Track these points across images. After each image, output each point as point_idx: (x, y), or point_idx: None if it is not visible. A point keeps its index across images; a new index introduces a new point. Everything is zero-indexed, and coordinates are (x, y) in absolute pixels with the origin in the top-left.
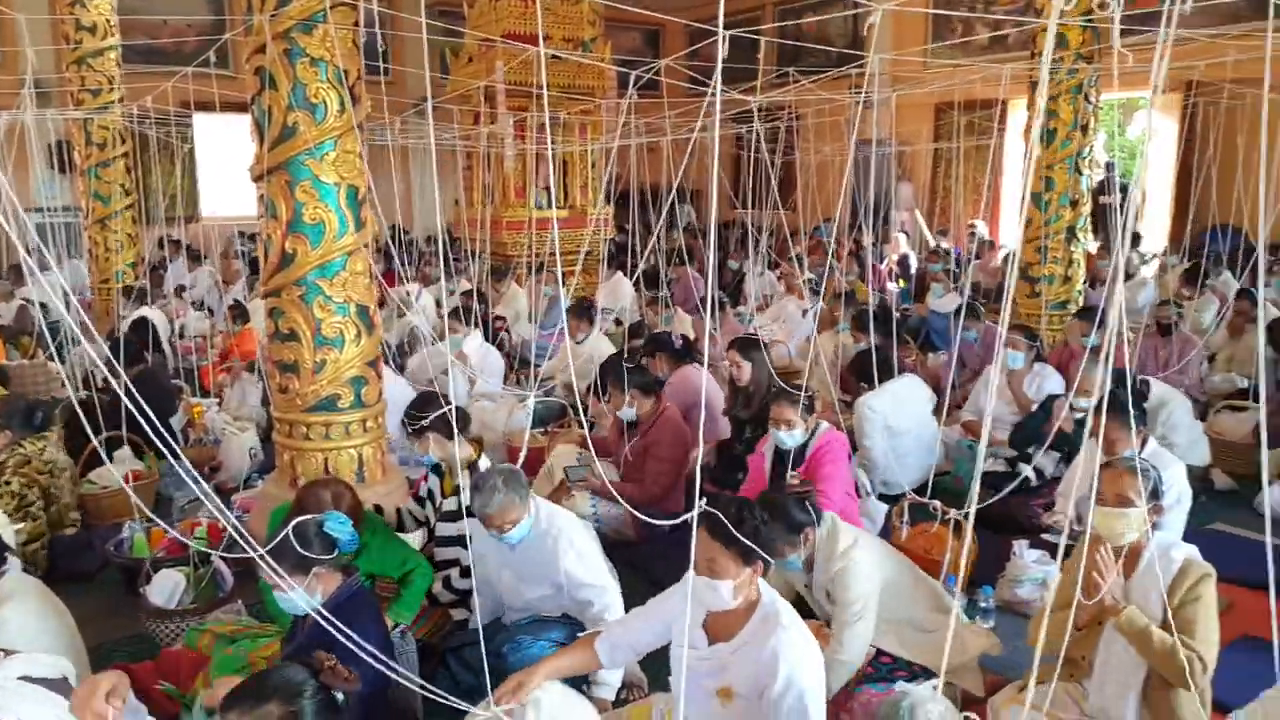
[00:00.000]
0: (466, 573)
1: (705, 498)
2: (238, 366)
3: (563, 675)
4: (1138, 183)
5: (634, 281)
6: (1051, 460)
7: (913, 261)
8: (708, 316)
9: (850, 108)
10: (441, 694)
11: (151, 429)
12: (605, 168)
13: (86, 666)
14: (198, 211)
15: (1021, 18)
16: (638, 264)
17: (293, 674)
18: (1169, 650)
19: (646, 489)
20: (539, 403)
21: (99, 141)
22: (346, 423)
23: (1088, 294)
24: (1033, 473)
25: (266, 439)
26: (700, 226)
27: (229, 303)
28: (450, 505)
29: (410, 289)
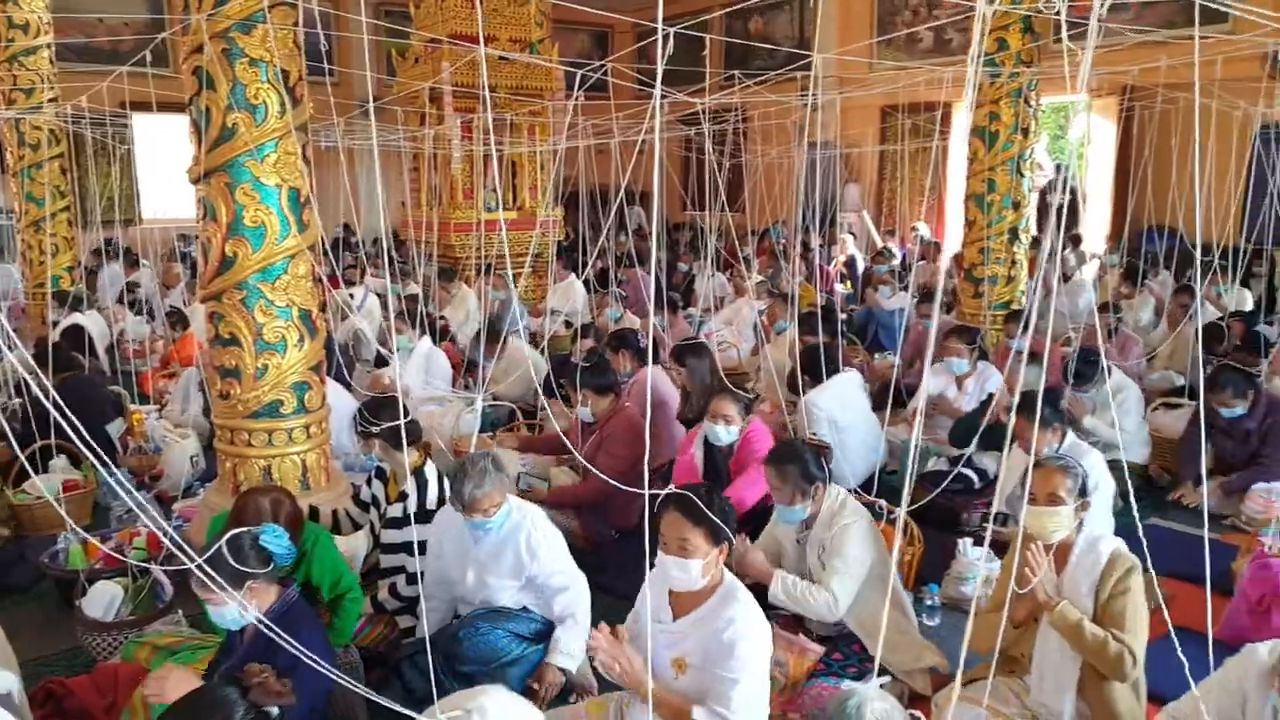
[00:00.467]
0: (413, 580)
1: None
2: (180, 372)
3: None
4: (1063, 186)
5: (584, 282)
6: (995, 460)
7: (859, 263)
8: (652, 318)
9: (796, 109)
10: (388, 701)
11: (80, 438)
12: (554, 169)
13: (19, 682)
14: (138, 214)
15: (977, 20)
16: (587, 265)
17: (223, 694)
18: (1101, 644)
19: (593, 483)
20: (489, 406)
21: (32, 142)
22: (289, 429)
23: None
24: (974, 473)
25: (210, 446)
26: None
27: (168, 308)
28: (396, 512)
29: (355, 291)
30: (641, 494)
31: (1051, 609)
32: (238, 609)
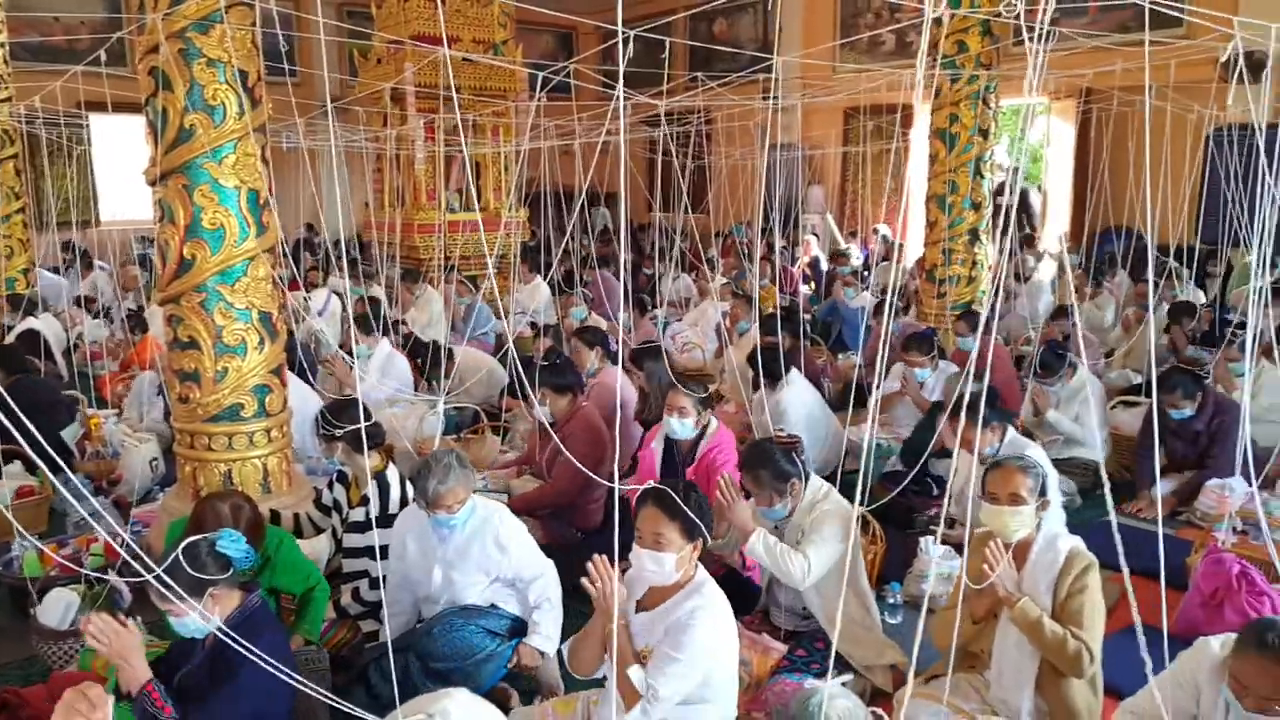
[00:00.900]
0: (376, 584)
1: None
2: (140, 375)
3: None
4: (1013, 188)
5: (549, 283)
6: (948, 467)
7: (823, 264)
8: (621, 318)
9: (759, 112)
10: (351, 707)
11: (30, 442)
12: (518, 170)
13: None
14: (95, 216)
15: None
16: (552, 267)
17: None
18: (1060, 641)
19: (556, 485)
20: (453, 408)
21: None
22: (250, 432)
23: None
24: (931, 480)
25: (170, 450)
26: (616, 229)
27: (126, 311)
28: (358, 516)
29: (318, 294)
30: (603, 495)
31: (1012, 606)
32: (199, 618)
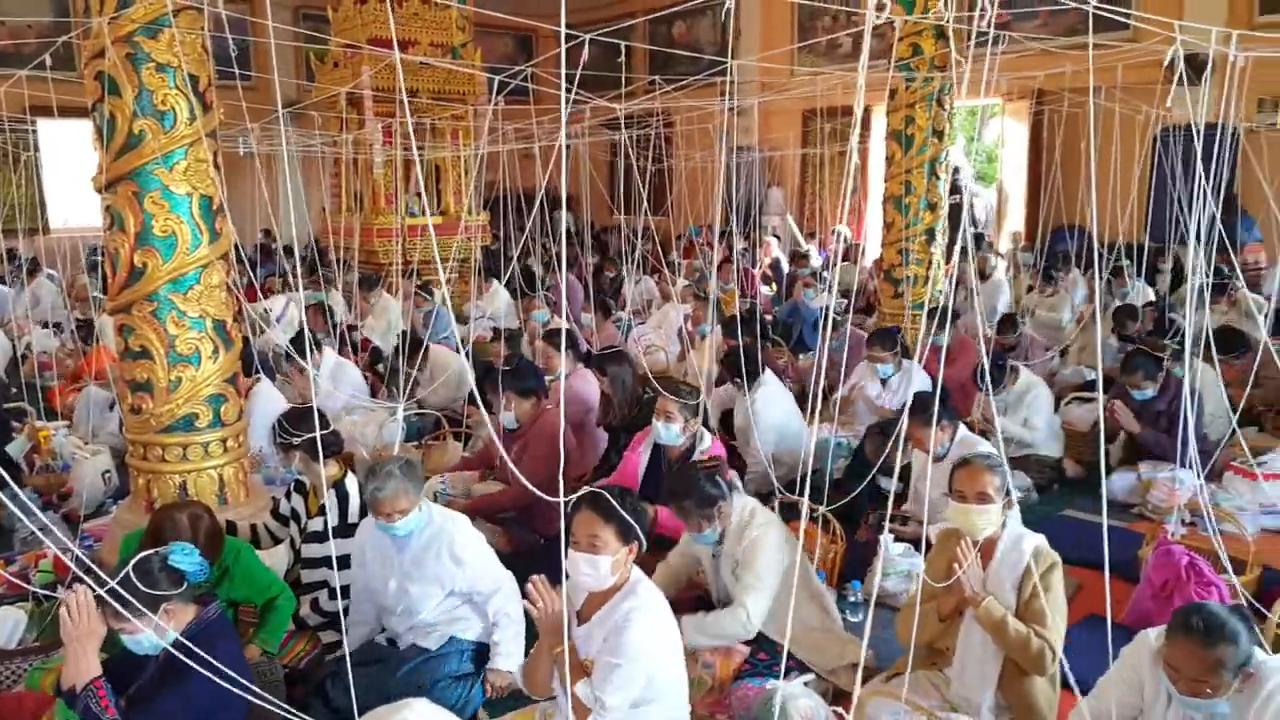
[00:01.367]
0: (335, 594)
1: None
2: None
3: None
4: (956, 189)
5: (509, 285)
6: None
7: (784, 265)
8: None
9: (718, 114)
10: (308, 719)
11: None
12: (475, 173)
13: None
14: (43, 223)
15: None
16: (511, 266)
17: None
18: (1024, 640)
19: (516, 488)
20: (414, 415)
21: None
22: (205, 443)
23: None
24: (890, 482)
25: (123, 462)
26: (577, 232)
27: (76, 320)
28: (316, 526)
29: (275, 301)
30: (564, 498)
31: (977, 604)
32: (153, 635)
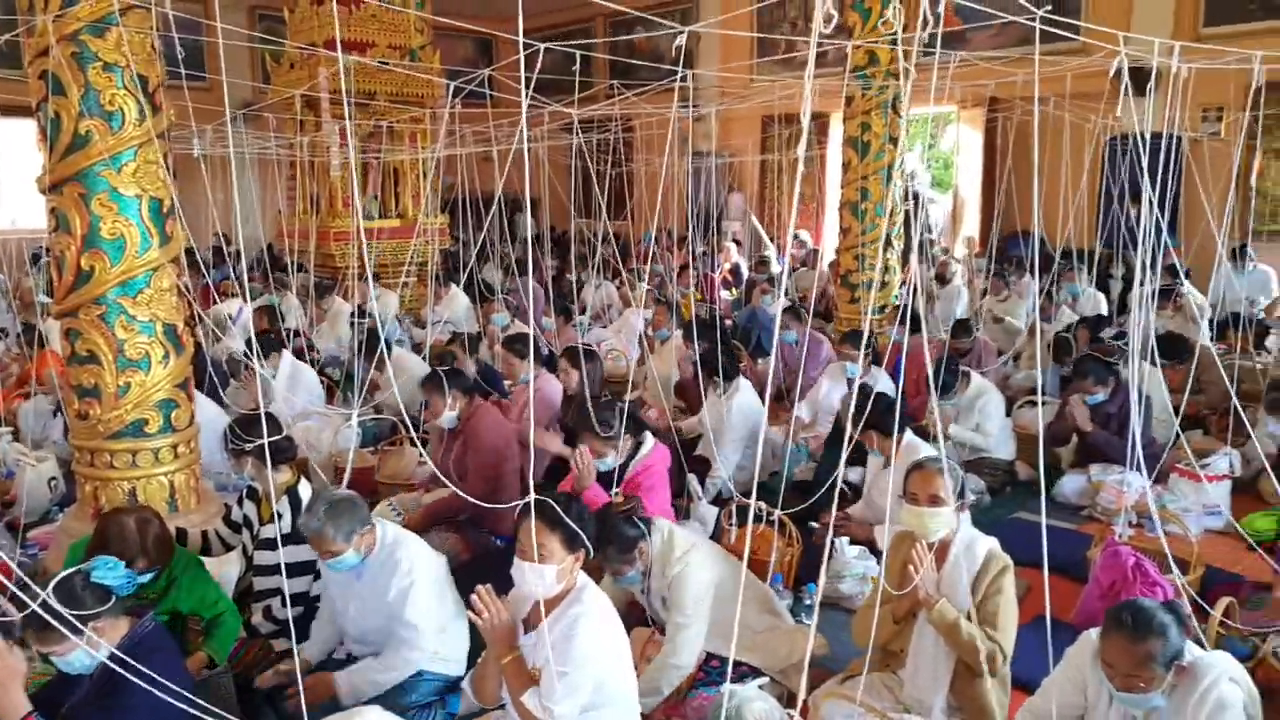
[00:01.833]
0: (287, 602)
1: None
2: (38, 392)
3: None
4: (910, 194)
5: (468, 289)
6: (859, 473)
7: (744, 270)
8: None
9: (675, 120)
10: None
11: None
12: (432, 176)
13: None
14: None
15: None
16: (472, 275)
17: None
18: (975, 642)
19: (470, 486)
20: (371, 420)
21: None
22: (155, 449)
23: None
24: (846, 486)
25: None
26: (538, 236)
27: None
28: (269, 533)
29: (232, 305)
30: (516, 496)
31: (931, 607)
32: (84, 655)
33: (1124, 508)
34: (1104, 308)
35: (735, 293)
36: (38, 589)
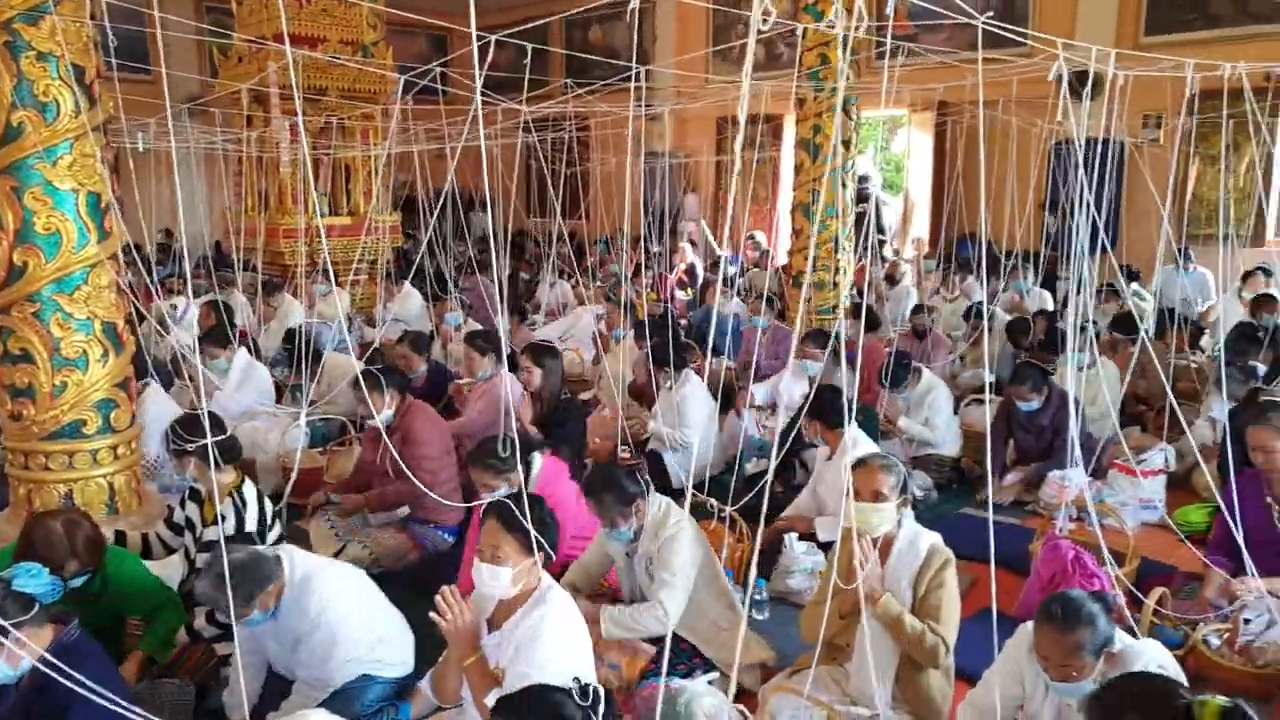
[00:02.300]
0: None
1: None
2: None
3: None
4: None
5: (421, 288)
6: (815, 456)
7: (699, 270)
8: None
9: (631, 119)
10: None
11: None
12: (385, 173)
13: None
14: None
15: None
16: (425, 272)
17: None
18: (919, 635)
19: (405, 484)
20: (319, 420)
21: None
22: (94, 450)
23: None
24: (800, 471)
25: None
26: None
27: None
28: (211, 535)
29: (177, 302)
30: (456, 486)
31: (876, 602)
32: (5, 666)
33: (1064, 503)
34: (1050, 305)
35: (691, 293)
36: None
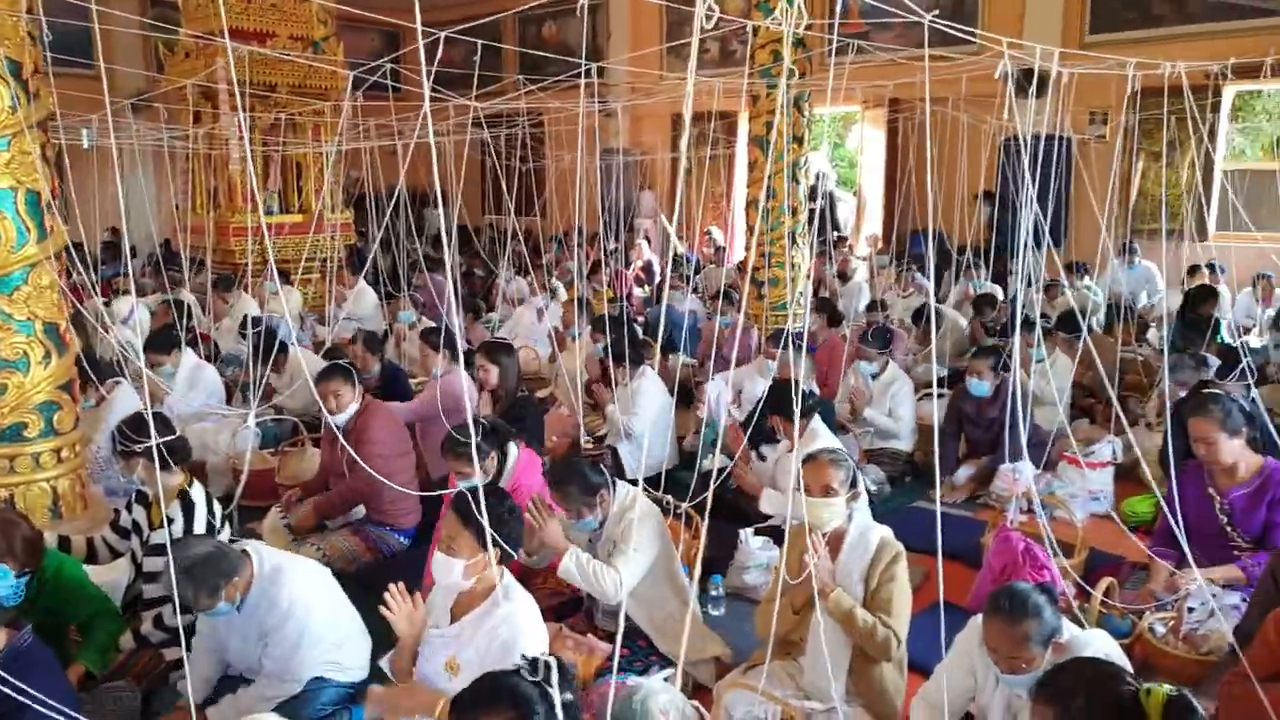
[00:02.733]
0: (178, 610)
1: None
2: None
3: None
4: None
5: (374, 286)
6: (772, 452)
7: (656, 267)
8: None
9: (583, 116)
10: None
11: None
12: (334, 171)
13: None
14: None
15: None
16: (379, 270)
17: None
18: (870, 629)
19: (359, 484)
20: (271, 420)
21: None
22: (36, 453)
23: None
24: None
25: None
26: (447, 231)
27: None
28: (159, 538)
29: (123, 302)
30: (415, 486)
31: (827, 596)
32: None
33: (1015, 495)
34: (1001, 298)
35: (648, 289)
36: None
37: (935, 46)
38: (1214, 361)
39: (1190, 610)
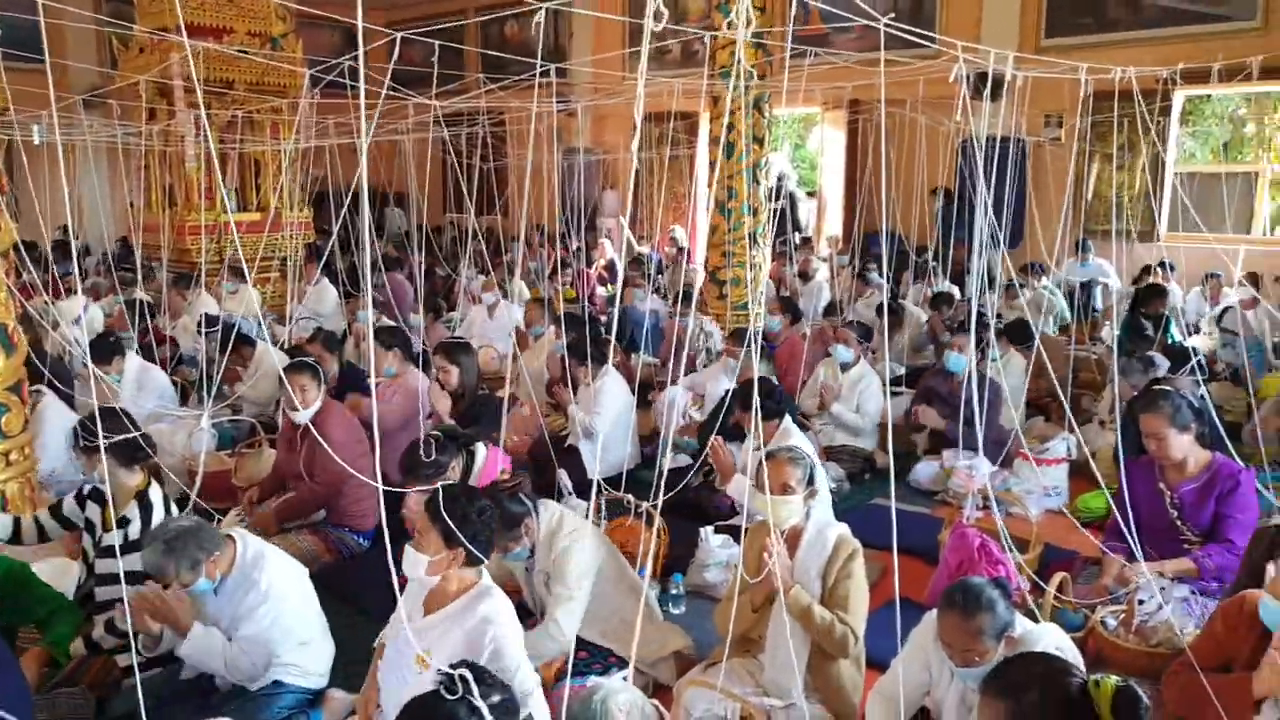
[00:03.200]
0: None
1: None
2: None
3: None
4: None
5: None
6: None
7: (619, 266)
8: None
9: (547, 116)
10: None
11: None
12: (294, 168)
13: None
14: None
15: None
16: (337, 270)
17: None
18: (828, 626)
19: (319, 485)
20: (228, 422)
21: None
22: None
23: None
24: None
25: None
26: (407, 230)
27: None
28: (113, 539)
29: (74, 302)
30: (375, 489)
31: (786, 594)
32: None
33: (972, 491)
34: (958, 297)
35: (611, 289)
36: None
37: (893, 50)
38: (1163, 362)
39: (1141, 603)
